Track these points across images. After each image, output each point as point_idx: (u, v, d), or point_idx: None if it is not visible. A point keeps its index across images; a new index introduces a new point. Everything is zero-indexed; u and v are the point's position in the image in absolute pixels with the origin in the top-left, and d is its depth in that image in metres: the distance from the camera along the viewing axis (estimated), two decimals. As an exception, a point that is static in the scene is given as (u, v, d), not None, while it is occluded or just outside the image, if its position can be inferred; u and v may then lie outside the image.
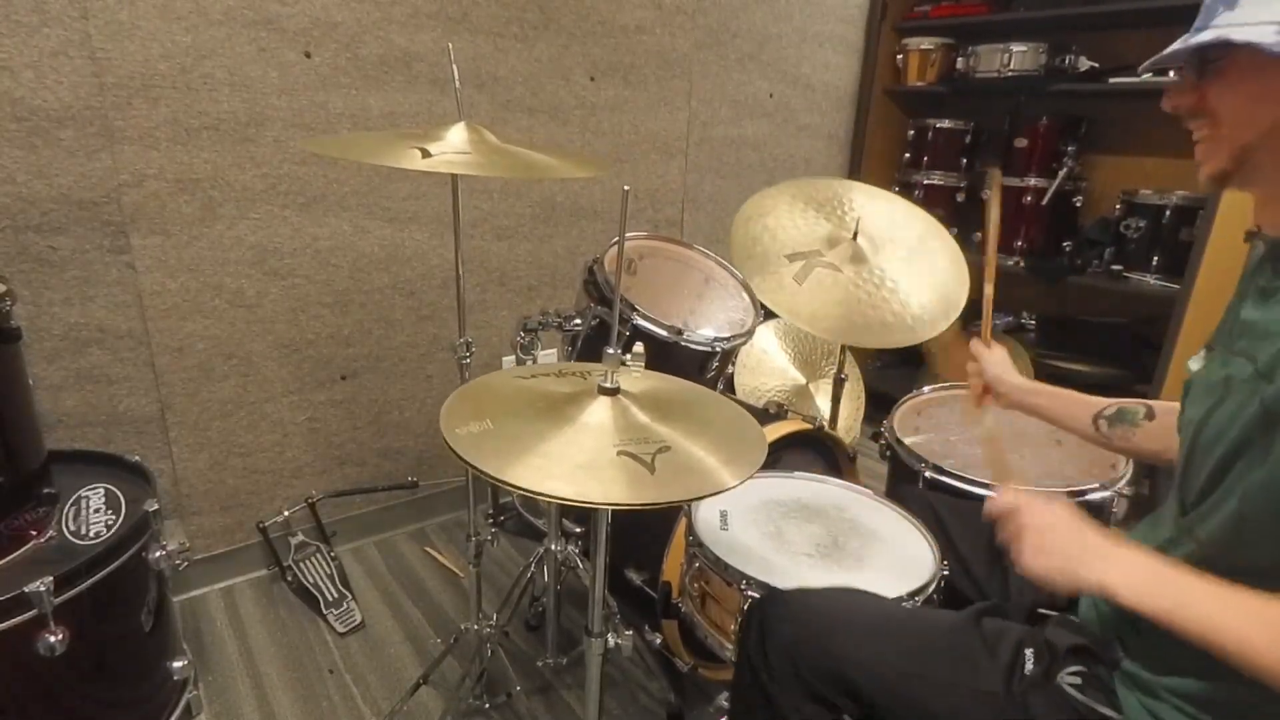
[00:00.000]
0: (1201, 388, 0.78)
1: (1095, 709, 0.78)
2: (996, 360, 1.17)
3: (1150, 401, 1.05)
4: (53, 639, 1.02)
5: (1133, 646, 0.80)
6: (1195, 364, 0.80)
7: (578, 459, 0.76)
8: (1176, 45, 0.72)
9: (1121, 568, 0.70)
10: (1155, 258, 2.28)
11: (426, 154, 1.07)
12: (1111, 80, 2.32)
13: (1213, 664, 0.66)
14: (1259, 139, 0.71)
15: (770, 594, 0.98)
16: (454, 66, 1.24)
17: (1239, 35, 0.66)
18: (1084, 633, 0.86)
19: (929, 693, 0.84)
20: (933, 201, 2.86)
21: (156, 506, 1.23)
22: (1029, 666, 0.83)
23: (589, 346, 1.44)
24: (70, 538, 1.16)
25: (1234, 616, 0.64)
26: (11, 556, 1.11)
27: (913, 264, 1.55)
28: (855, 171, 2.96)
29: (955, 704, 0.83)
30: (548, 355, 2.14)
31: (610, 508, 0.90)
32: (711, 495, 0.78)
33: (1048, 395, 1.12)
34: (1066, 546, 0.74)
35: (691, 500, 1.14)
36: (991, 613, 0.93)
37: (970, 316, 2.40)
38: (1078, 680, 0.81)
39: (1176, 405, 1.00)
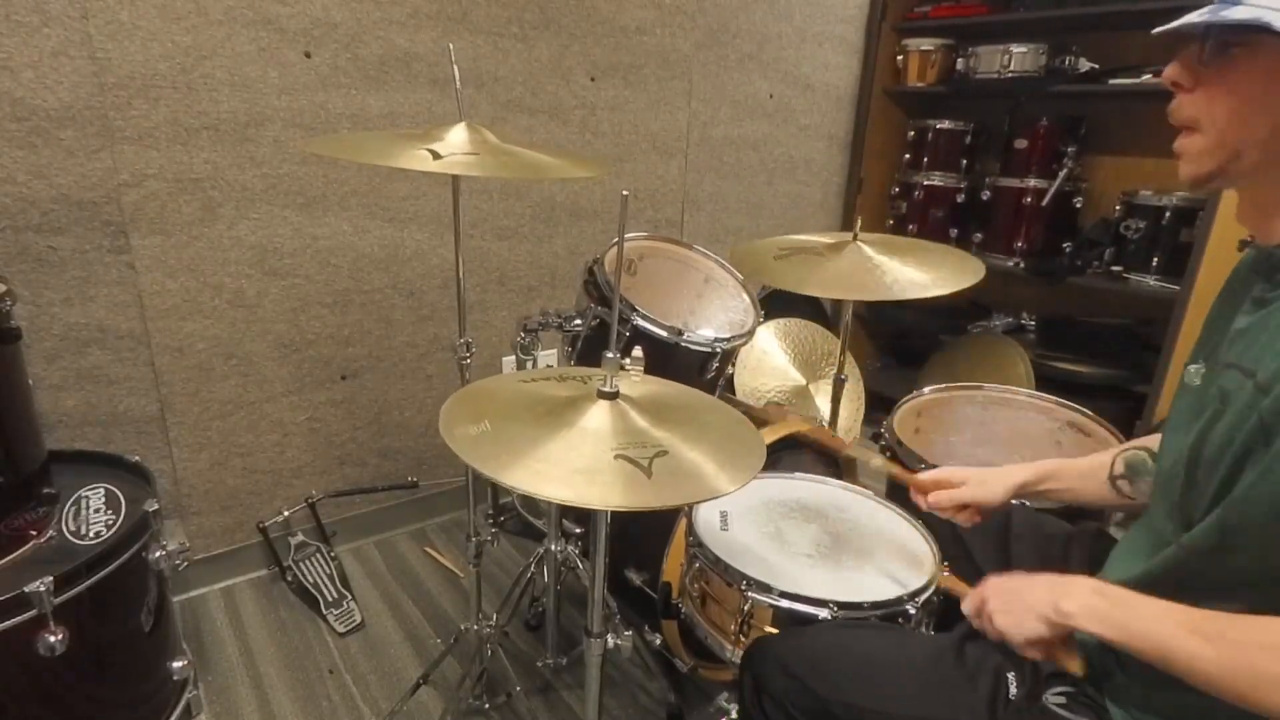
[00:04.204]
0: (1194, 402, 0.76)
1: None
2: (965, 477, 1.07)
3: (1144, 444, 1.01)
4: (53, 639, 1.02)
5: (1128, 659, 0.78)
6: (1195, 378, 0.77)
7: (575, 463, 0.76)
8: (1204, 14, 0.64)
9: (1076, 596, 0.73)
10: (1155, 259, 2.28)
11: (437, 155, 1.07)
12: (1111, 81, 2.33)
13: None
14: (1257, 140, 0.67)
15: (758, 644, 0.98)
16: (454, 66, 1.24)
17: (1278, 20, 0.59)
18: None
19: None
20: (933, 203, 2.87)
21: (156, 506, 1.23)
22: (1013, 691, 0.83)
23: (589, 347, 1.44)
24: (70, 538, 1.16)
25: (1181, 634, 0.65)
26: (11, 556, 1.11)
27: (913, 259, 1.55)
28: (855, 172, 2.96)
29: None
30: (548, 356, 2.14)
31: (607, 510, 0.90)
32: (708, 500, 0.78)
33: (1052, 479, 1.05)
34: (1025, 597, 0.77)
35: (687, 504, 1.15)
36: (976, 634, 0.92)
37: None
38: (1063, 699, 0.81)
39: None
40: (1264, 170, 0.69)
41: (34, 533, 1.16)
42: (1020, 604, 0.77)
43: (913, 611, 1.01)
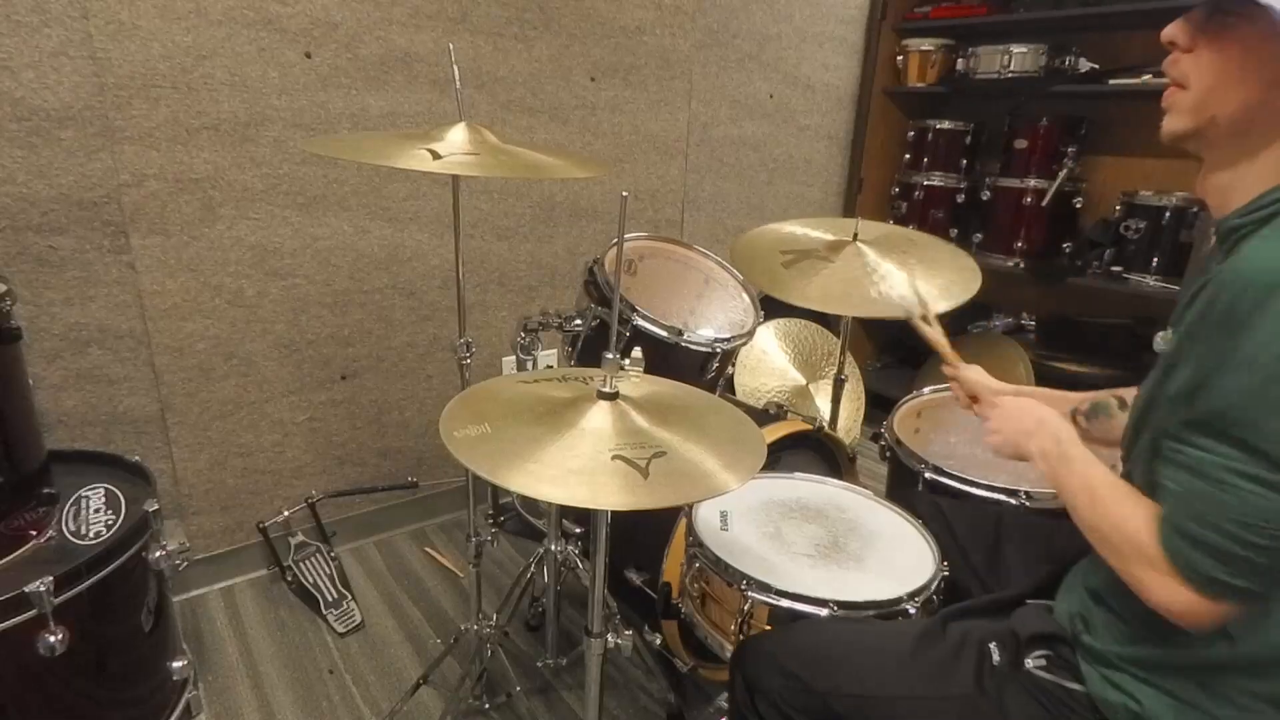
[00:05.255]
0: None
1: (1062, 685, 0.83)
2: (973, 372, 1.20)
3: (1119, 392, 1.09)
4: (53, 639, 1.02)
5: (1094, 623, 0.84)
6: (1160, 343, 0.82)
7: (572, 464, 0.77)
8: None
9: (1041, 439, 0.90)
10: (1155, 259, 2.28)
11: (436, 155, 1.07)
12: (1111, 81, 2.32)
13: (1162, 634, 0.73)
14: (1230, 111, 0.71)
15: (748, 645, 0.99)
16: (454, 67, 1.24)
17: None
18: (1048, 619, 0.89)
19: (907, 711, 0.87)
20: (933, 203, 2.87)
21: (156, 506, 1.23)
22: (995, 658, 0.86)
23: (589, 347, 1.44)
24: (70, 538, 1.16)
25: (1071, 484, 0.82)
26: (11, 556, 1.11)
27: (913, 263, 1.55)
28: (855, 172, 2.96)
29: (933, 715, 0.86)
30: (548, 356, 2.14)
31: (605, 510, 0.90)
32: (703, 499, 0.79)
33: (1028, 394, 1.14)
34: (1016, 427, 0.95)
35: (683, 504, 1.15)
36: (958, 615, 0.95)
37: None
38: (1043, 662, 0.85)
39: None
40: (1230, 141, 0.73)
41: (34, 533, 1.16)
42: (1010, 431, 0.96)
43: (912, 611, 1.01)
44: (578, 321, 1.42)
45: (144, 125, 1.51)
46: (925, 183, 2.86)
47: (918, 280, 1.46)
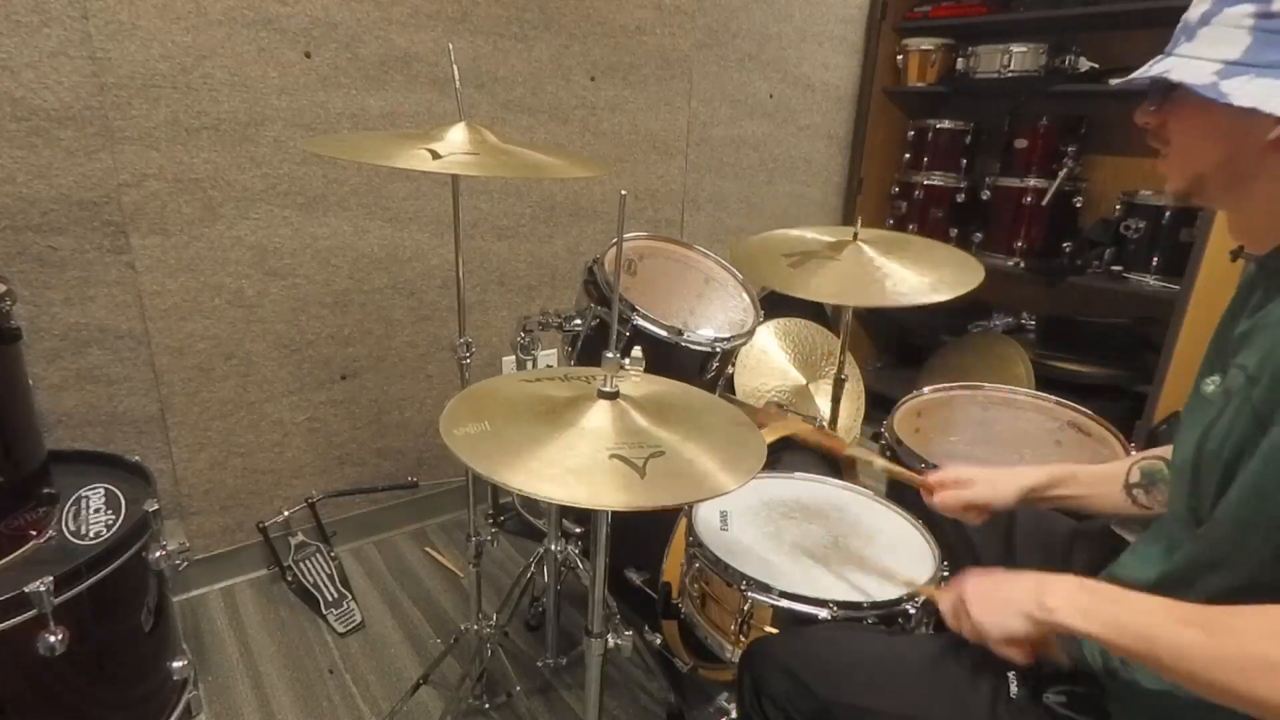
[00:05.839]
0: (1202, 404, 0.78)
1: None
2: (973, 477, 1.04)
3: (1160, 454, 1.01)
4: (53, 639, 1.02)
5: (1131, 663, 0.79)
6: (1209, 386, 0.79)
7: (570, 462, 0.77)
8: (1138, 73, 0.76)
9: (1060, 592, 0.72)
10: (1155, 258, 2.28)
11: (436, 155, 1.07)
12: (1112, 81, 2.32)
13: None
14: (1209, 171, 0.75)
15: (758, 645, 0.98)
16: (454, 66, 1.24)
17: (1177, 74, 0.70)
18: (1072, 649, 0.85)
19: None
20: (932, 202, 2.87)
21: (156, 506, 1.23)
22: (1014, 690, 0.83)
23: (589, 347, 1.44)
24: (70, 538, 1.16)
25: (1171, 624, 0.63)
26: (11, 556, 1.11)
27: (912, 260, 1.55)
28: (855, 171, 2.96)
29: None
30: (548, 356, 2.14)
31: (602, 509, 0.90)
32: (700, 501, 0.78)
33: (1064, 484, 1.02)
34: (1006, 594, 0.76)
35: (679, 505, 1.14)
36: None
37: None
38: (1063, 699, 0.81)
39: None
40: (1231, 190, 0.75)
41: (34, 533, 1.16)
42: (1001, 601, 0.76)
43: (913, 611, 1.01)
44: (577, 321, 1.42)
45: (144, 125, 1.51)
46: (925, 182, 2.86)
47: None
